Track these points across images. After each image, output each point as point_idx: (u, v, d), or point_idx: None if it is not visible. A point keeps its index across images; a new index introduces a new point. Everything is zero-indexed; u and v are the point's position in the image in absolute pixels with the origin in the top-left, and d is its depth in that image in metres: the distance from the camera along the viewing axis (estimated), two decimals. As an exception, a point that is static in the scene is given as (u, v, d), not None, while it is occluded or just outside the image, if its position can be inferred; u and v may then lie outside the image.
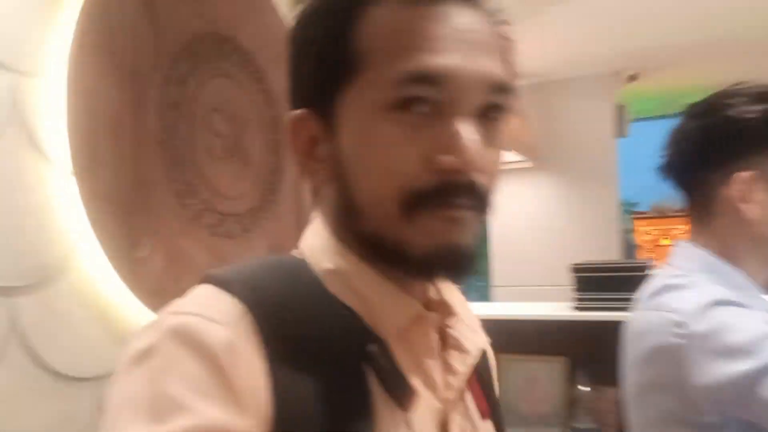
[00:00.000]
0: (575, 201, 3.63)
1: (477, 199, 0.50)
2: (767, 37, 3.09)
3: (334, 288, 0.52)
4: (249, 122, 1.43)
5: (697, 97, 1.01)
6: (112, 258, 1.06)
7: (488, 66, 0.49)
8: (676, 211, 3.93)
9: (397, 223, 0.49)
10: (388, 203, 0.49)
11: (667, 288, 0.94)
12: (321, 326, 0.49)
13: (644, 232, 4.85)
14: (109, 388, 0.43)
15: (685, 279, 0.94)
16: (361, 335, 0.50)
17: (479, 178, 0.49)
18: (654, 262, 2.16)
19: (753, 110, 0.90)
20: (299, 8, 0.55)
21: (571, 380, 2.01)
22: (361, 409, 0.48)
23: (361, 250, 0.53)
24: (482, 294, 4.02)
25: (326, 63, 0.51)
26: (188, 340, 0.43)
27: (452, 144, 0.47)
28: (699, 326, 0.85)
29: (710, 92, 0.99)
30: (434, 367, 0.55)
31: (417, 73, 0.47)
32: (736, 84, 0.95)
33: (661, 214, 4.06)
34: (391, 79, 0.47)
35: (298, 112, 0.53)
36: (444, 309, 0.58)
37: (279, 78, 1.56)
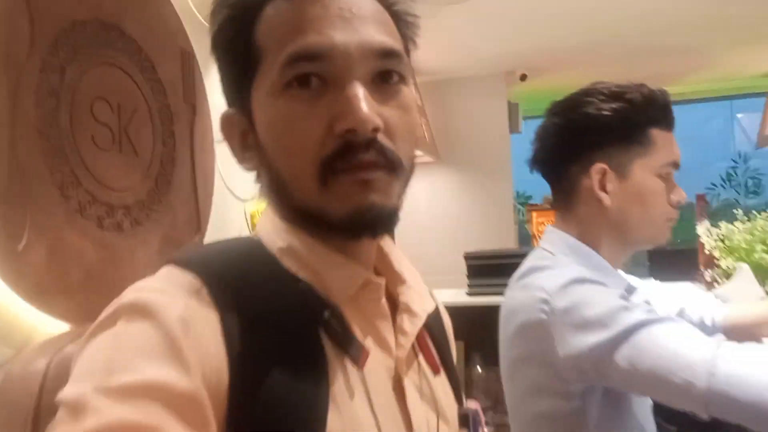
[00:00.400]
0: (473, 194, 3.79)
1: (383, 156, 0.54)
2: (644, 41, 3.36)
3: (288, 263, 0.57)
4: (137, 112, 1.40)
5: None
6: (-13, 250, 1.01)
7: (370, 35, 0.55)
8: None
9: (316, 192, 0.54)
10: (305, 176, 0.54)
11: (534, 269, 1.02)
12: (275, 296, 0.53)
13: (538, 222, 5.11)
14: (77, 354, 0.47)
15: (550, 260, 1.03)
16: (314, 303, 0.54)
17: (382, 138, 0.54)
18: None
19: (607, 107, 1.00)
20: (211, 15, 0.60)
21: (468, 362, 2.11)
22: (316, 369, 0.52)
23: (299, 224, 0.58)
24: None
25: (238, 64, 0.57)
26: (142, 312, 0.46)
27: (345, 108, 0.52)
28: (560, 302, 0.93)
29: None
30: (386, 329, 0.61)
31: (298, 53, 0.53)
32: (595, 83, 1.04)
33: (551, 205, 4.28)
34: (280, 63, 0.53)
35: (226, 112, 0.60)
36: (393, 276, 0.64)
37: (170, 68, 1.54)
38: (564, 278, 0.95)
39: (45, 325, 1.16)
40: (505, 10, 2.81)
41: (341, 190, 0.53)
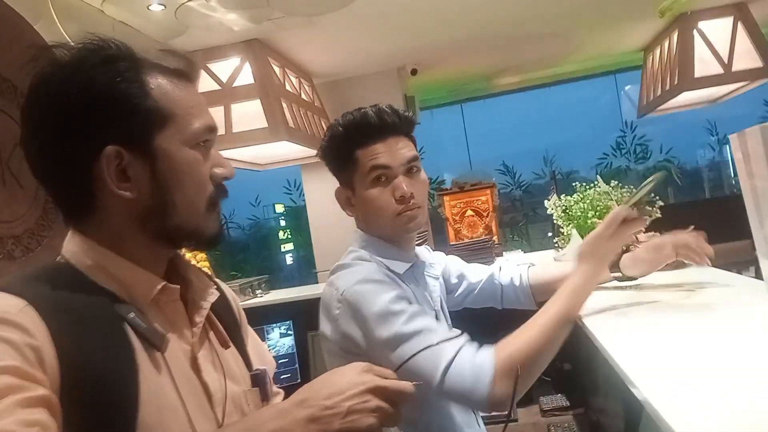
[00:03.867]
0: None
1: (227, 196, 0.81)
2: (523, 29, 3.63)
3: (96, 277, 0.72)
4: (17, 147, 1.49)
5: (474, 83, 1.31)
6: None
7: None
8: (473, 185, 4.40)
9: (203, 215, 0.77)
10: (198, 204, 0.77)
11: (339, 267, 1.23)
12: (87, 304, 0.68)
13: (451, 206, 5.37)
14: None
15: (351, 259, 1.22)
16: (120, 307, 0.70)
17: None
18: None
19: (327, 148, 1.28)
20: (60, 67, 0.71)
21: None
22: (126, 357, 0.67)
23: (150, 241, 0.75)
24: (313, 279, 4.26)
25: (139, 114, 0.72)
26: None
27: (221, 162, 0.80)
28: (348, 300, 1.12)
29: (478, 81, 1.31)
30: (182, 321, 0.79)
31: (210, 127, 0.78)
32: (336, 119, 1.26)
33: (461, 189, 4.50)
34: (196, 129, 0.76)
35: (110, 148, 0.70)
36: (186, 281, 0.81)
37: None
38: (354, 278, 1.14)
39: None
40: (387, 11, 2.99)
41: (215, 217, 0.80)
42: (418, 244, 1.39)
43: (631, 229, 1.14)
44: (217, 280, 0.94)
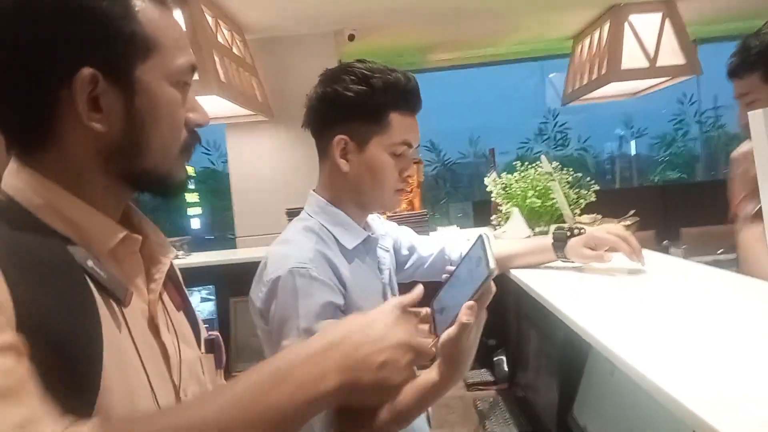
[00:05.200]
0: (307, 151, 3.87)
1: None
2: (457, 4, 3.62)
3: (47, 219, 0.62)
4: None
5: (409, 56, 1.24)
6: None
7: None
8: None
9: (175, 161, 0.69)
10: (173, 147, 0.69)
11: (281, 240, 1.17)
12: (41, 248, 0.59)
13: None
14: None
15: (298, 231, 1.16)
16: (78, 254, 0.61)
17: None
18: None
19: (352, 88, 1.14)
20: None
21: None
22: (87, 309, 0.59)
23: (111, 184, 0.66)
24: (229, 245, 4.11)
25: (121, 37, 0.62)
26: None
27: (197, 107, 0.72)
28: (271, 289, 1.07)
29: (414, 54, 1.23)
30: (140, 277, 0.70)
31: (193, 66, 0.69)
32: (356, 62, 1.17)
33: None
34: (180, 65, 0.67)
35: (85, 71, 0.60)
36: (144, 234, 0.72)
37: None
38: (284, 266, 1.07)
39: None
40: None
41: (184, 162, 0.72)
42: (419, 226, 1.35)
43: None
44: None
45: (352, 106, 1.13)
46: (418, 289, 0.71)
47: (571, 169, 1.99)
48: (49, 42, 0.60)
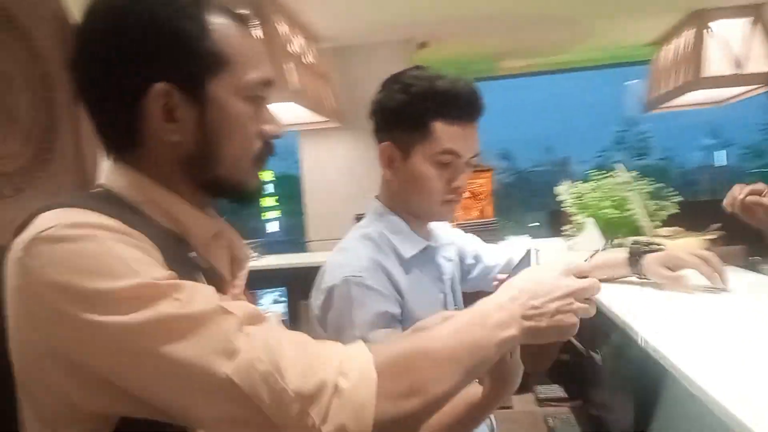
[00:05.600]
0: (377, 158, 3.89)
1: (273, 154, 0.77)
2: (532, 11, 3.54)
3: (151, 213, 0.69)
4: (12, 80, 1.40)
5: (481, 63, 1.23)
6: None
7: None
8: (474, 167, 4.35)
9: (247, 170, 0.73)
10: (246, 158, 0.73)
11: (337, 249, 1.17)
12: (156, 234, 0.65)
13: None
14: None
15: (356, 238, 1.16)
16: (183, 244, 0.70)
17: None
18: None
19: (396, 97, 1.13)
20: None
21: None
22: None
23: (188, 188, 0.72)
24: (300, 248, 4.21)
25: (196, 54, 0.67)
26: (119, 238, 0.59)
27: (273, 119, 0.75)
28: (327, 297, 1.08)
29: (486, 61, 1.22)
30: (225, 272, 0.78)
31: (267, 80, 0.73)
32: (405, 71, 1.16)
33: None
34: (251, 80, 0.71)
35: (160, 86, 0.66)
36: (230, 233, 0.81)
37: (46, 34, 1.53)
38: (337, 275, 1.08)
39: None
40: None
41: (257, 172, 0.76)
42: (489, 235, 1.34)
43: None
44: None
45: (394, 115, 1.13)
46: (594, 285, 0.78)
47: (651, 179, 1.89)
48: (131, 57, 0.66)
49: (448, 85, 1.10)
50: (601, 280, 1.27)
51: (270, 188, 8.59)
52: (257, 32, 2.90)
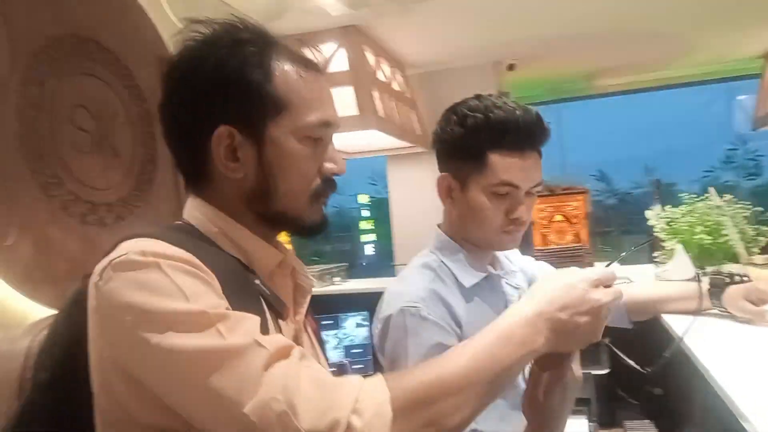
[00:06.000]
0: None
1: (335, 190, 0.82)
2: (632, 27, 3.42)
3: (222, 243, 0.77)
4: (116, 117, 1.53)
5: (574, 83, 1.23)
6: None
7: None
8: (565, 189, 4.25)
9: (305, 206, 0.79)
10: (302, 194, 0.78)
11: (397, 278, 1.19)
12: (225, 265, 0.73)
13: (540, 209, 5.19)
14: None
15: (416, 267, 1.18)
16: (248, 272, 0.76)
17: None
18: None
19: (452, 129, 1.13)
20: (192, 47, 0.77)
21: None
22: (263, 319, 0.71)
23: (252, 220, 0.78)
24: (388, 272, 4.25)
25: (256, 98, 0.74)
26: (181, 267, 0.66)
27: (335, 158, 0.81)
28: (385, 326, 1.10)
29: (579, 80, 1.22)
30: (288, 299, 0.83)
31: (326, 122, 0.78)
32: (465, 100, 1.16)
33: (552, 192, 4.36)
34: (309, 122, 0.77)
35: (222, 128, 0.74)
36: (294, 262, 0.87)
37: (148, 75, 1.67)
38: (394, 305, 1.10)
39: (35, 311, 1.30)
40: (486, 1, 2.88)
41: (318, 208, 0.81)
42: (575, 260, 1.32)
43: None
44: None
45: (450, 147, 1.14)
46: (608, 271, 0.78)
47: (748, 203, 1.76)
48: (200, 103, 0.75)
49: (502, 116, 1.10)
50: (679, 312, 1.20)
51: (366, 212, 8.85)
52: (341, 58, 3.00)
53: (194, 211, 0.79)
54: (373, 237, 8.78)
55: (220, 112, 0.74)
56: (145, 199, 1.63)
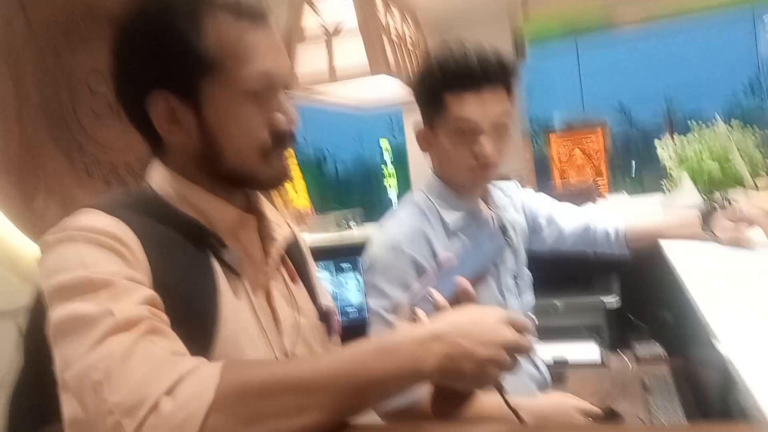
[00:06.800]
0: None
1: (293, 142, 0.77)
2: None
3: (178, 204, 0.75)
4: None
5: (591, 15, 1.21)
6: (8, 212, 1.24)
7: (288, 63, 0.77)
8: (585, 125, 4.21)
9: (255, 162, 0.75)
10: (250, 150, 0.74)
11: (391, 212, 1.25)
12: (173, 231, 0.72)
13: (558, 145, 5.17)
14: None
15: (405, 203, 1.24)
16: (203, 232, 0.75)
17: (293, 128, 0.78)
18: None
19: (415, 84, 1.21)
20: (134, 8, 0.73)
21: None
22: (208, 280, 0.72)
23: (209, 180, 0.76)
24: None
25: (185, 59, 0.70)
26: (93, 238, 0.65)
27: (284, 109, 0.75)
28: (366, 260, 1.15)
29: (596, 12, 1.22)
30: (258, 252, 0.82)
31: (267, 73, 0.73)
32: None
33: (569, 127, 4.33)
34: (247, 75, 0.71)
35: (156, 93, 0.71)
36: (259, 214, 0.85)
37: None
38: (386, 239, 1.15)
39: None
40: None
41: (272, 163, 0.77)
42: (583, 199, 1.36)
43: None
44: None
45: (417, 98, 1.20)
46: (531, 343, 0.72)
47: (757, 127, 1.75)
48: (132, 68, 0.72)
49: (451, 57, 1.13)
50: (679, 238, 1.22)
51: (387, 158, 8.87)
52: (260, 25, 2.97)
53: (153, 173, 0.78)
54: (393, 182, 8.82)
55: (153, 77, 0.71)
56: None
